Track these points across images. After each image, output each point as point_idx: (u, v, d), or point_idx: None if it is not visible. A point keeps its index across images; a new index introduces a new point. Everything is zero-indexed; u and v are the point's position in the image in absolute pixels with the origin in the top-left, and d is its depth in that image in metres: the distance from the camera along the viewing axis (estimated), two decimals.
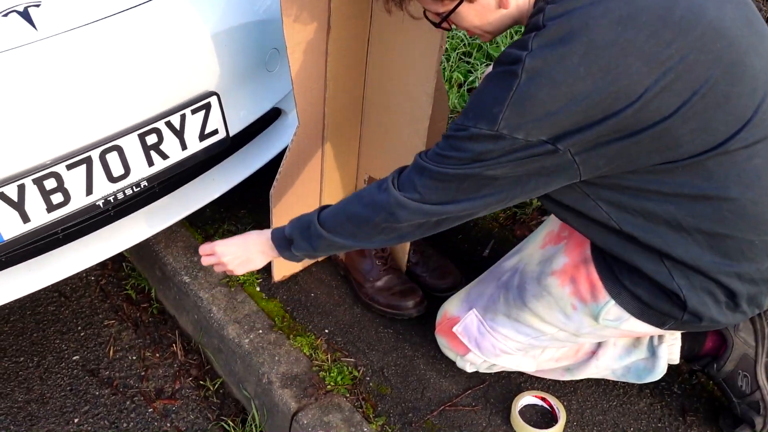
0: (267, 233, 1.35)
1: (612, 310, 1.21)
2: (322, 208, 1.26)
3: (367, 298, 1.67)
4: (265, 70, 1.67)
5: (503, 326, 1.36)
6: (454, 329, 1.42)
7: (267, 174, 1.79)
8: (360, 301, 1.69)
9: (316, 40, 1.37)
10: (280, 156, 1.81)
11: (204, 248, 1.41)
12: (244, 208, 1.96)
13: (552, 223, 1.38)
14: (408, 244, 1.68)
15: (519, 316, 1.34)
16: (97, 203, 1.44)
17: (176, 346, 1.76)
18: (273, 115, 1.84)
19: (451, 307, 1.47)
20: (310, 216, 1.25)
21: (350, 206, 1.20)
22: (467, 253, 1.85)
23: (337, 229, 1.21)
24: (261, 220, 1.91)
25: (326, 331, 1.62)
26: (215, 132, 1.59)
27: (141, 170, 1.48)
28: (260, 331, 1.61)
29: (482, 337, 1.39)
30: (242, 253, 1.38)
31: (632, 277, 1.17)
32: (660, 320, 1.20)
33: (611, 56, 0.96)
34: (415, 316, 1.64)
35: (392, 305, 1.64)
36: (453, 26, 1.17)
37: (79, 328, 1.82)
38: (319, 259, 1.80)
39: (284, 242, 1.31)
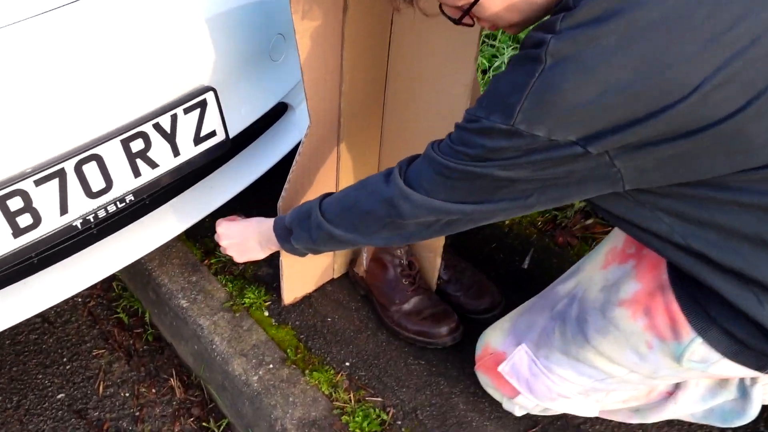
0: (270, 222, 1.22)
1: (698, 349, 0.98)
2: (326, 195, 1.12)
3: (393, 323, 1.44)
4: (268, 59, 1.44)
5: (560, 366, 1.14)
6: (501, 369, 1.19)
7: (276, 174, 1.57)
8: (385, 326, 1.46)
9: (330, 24, 1.13)
10: (287, 156, 1.59)
11: (218, 222, 1.33)
12: (249, 215, 1.72)
13: (615, 238, 1.15)
14: (438, 260, 1.45)
15: (579, 355, 1.11)
16: (74, 224, 1.22)
17: (174, 381, 1.54)
18: (279, 111, 1.61)
19: (494, 338, 1.24)
20: (312, 203, 1.11)
21: (354, 194, 1.06)
22: (503, 265, 1.62)
23: (338, 219, 1.07)
24: None
25: (347, 364, 1.40)
26: (213, 134, 1.36)
27: (126, 182, 1.25)
28: (270, 366, 1.38)
29: (535, 378, 1.16)
30: (240, 240, 1.28)
31: (722, 309, 0.94)
32: (759, 362, 0.96)
33: (659, 37, 0.76)
34: (449, 344, 1.41)
35: (423, 332, 1.41)
36: (475, 20, 0.95)
37: (65, 359, 1.60)
38: (335, 276, 1.58)
39: (285, 232, 1.17)
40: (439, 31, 1.15)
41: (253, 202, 1.65)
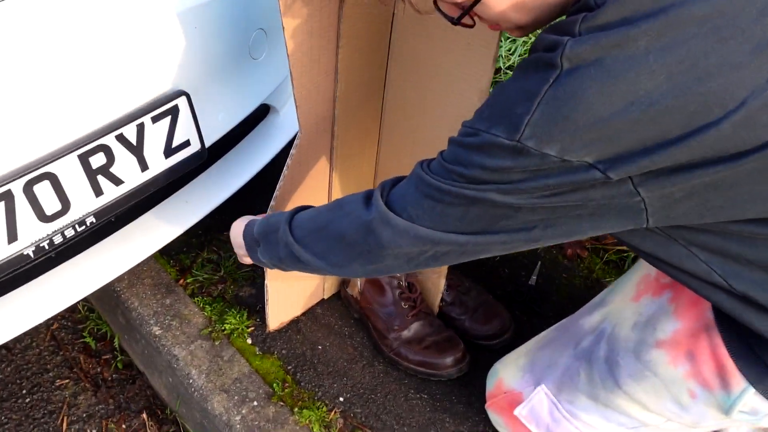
0: (243, 225, 1.06)
1: (750, 400, 0.86)
2: (301, 208, 0.97)
3: (391, 351, 1.30)
4: (248, 57, 1.27)
5: (586, 411, 1.01)
6: (517, 413, 1.06)
7: (256, 183, 1.41)
8: (382, 355, 1.32)
9: (325, 20, 0.97)
10: (269, 165, 1.43)
11: None
12: (227, 229, 1.56)
13: (646, 264, 1.02)
14: (442, 282, 1.31)
15: (609, 401, 0.98)
16: (25, 252, 1.05)
17: (146, 416, 1.38)
18: (260, 114, 1.44)
19: (508, 375, 1.11)
20: (282, 216, 0.97)
21: (328, 214, 0.92)
22: (509, 281, 1.49)
23: (307, 240, 0.92)
24: None
25: (341, 399, 1.25)
26: (186, 144, 1.19)
27: (85, 203, 1.08)
28: (254, 403, 1.23)
29: (556, 424, 1.03)
30: (233, 239, 1.12)
31: None
32: None
33: (698, 42, 0.63)
34: (455, 377, 1.27)
35: (425, 363, 1.27)
36: (476, 19, 0.81)
37: (24, 391, 1.43)
38: (325, 297, 1.43)
39: (253, 242, 1.03)
40: (449, 26, 0.99)
41: (237, 215, 1.48)
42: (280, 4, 0.89)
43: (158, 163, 1.16)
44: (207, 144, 1.23)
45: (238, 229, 1.12)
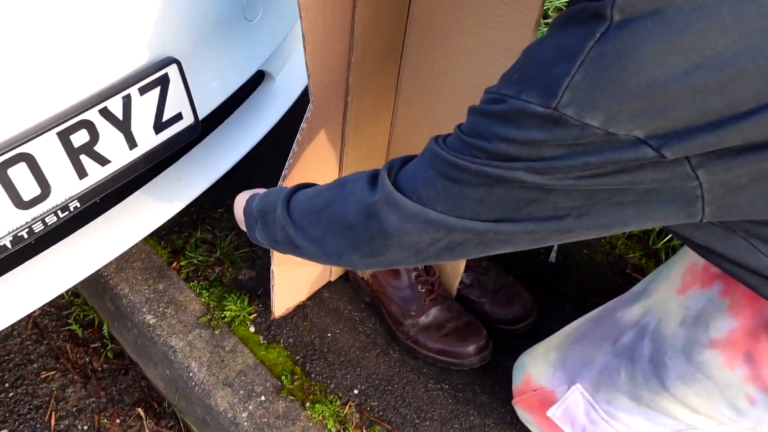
0: (245, 199, 0.97)
1: None
2: (302, 186, 0.86)
3: (408, 339, 1.21)
4: (243, 19, 1.14)
5: (627, 413, 0.93)
6: (551, 414, 0.98)
7: (252, 155, 1.29)
8: (398, 342, 1.23)
9: None
10: (266, 137, 1.31)
11: None
12: (222, 205, 1.45)
13: (693, 252, 0.92)
14: (463, 264, 1.21)
15: (653, 403, 0.90)
16: (1, 243, 0.93)
17: (142, 410, 1.29)
18: (255, 81, 1.31)
19: (537, 371, 1.02)
20: (280, 194, 0.86)
21: (329, 194, 0.81)
22: (527, 260, 1.40)
23: (304, 222, 0.82)
24: None
25: (355, 391, 1.17)
26: (178, 117, 1.06)
27: (68, 186, 0.96)
28: (262, 398, 1.14)
29: (594, 426, 0.95)
30: (236, 215, 1.02)
31: None
32: None
33: None
34: (477, 366, 1.19)
35: (446, 351, 1.18)
36: None
37: (7, 385, 1.32)
38: (332, 279, 1.33)
39: (252, 219, 0.92)
40: None
41: (233, 191, 1.36)
42: None
43: (148, 140, 1.03)
44: (201, 116, 1.10)
45: (240, 204, 1.01)
